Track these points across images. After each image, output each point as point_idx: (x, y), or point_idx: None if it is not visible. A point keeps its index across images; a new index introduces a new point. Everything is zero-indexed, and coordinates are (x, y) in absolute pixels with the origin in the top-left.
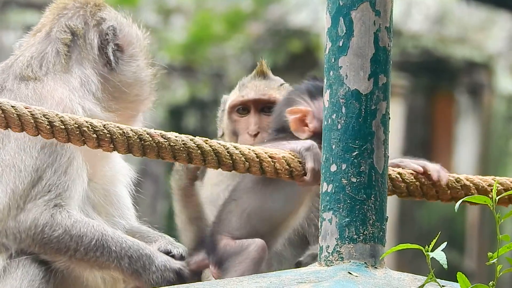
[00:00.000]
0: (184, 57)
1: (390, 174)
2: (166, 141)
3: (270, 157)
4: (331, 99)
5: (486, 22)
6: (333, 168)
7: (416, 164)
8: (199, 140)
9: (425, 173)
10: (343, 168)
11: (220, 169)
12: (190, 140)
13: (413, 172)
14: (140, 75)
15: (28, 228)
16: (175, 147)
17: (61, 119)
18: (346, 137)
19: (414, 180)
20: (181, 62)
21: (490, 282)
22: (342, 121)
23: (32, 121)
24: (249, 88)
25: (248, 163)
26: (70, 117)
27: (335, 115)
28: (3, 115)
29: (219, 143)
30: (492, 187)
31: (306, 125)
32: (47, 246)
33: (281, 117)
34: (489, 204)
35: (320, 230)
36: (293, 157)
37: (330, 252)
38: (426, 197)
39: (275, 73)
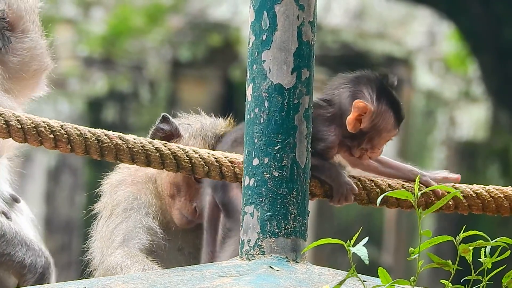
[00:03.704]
0: (104, 50)
1: None
2: (124, 143)
3: (230, 161)
4: (254, 93)
5: (405, 17)
6: (255, 162)
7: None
8: (158, 143)
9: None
10: (265, 162)
11: (179, 172)
12: (149, 143)
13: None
14: (35, 49)
15: None
16: (134, 149)
17: (17, 118)
18: (268, 131)
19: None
20: (101, 55)
21: (411, 278)
22: (265, 115)
23: None
24: None
25: (207, 167)
26: (27, 116)
27: (257, 109)
28: None
29: (179, 147)
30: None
31: (360, 122)
32: None
33: (337, 94)
34: (411, 200)
35: (241, 224)
36: None
37: (252, 246)
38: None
39: (195, 66)
